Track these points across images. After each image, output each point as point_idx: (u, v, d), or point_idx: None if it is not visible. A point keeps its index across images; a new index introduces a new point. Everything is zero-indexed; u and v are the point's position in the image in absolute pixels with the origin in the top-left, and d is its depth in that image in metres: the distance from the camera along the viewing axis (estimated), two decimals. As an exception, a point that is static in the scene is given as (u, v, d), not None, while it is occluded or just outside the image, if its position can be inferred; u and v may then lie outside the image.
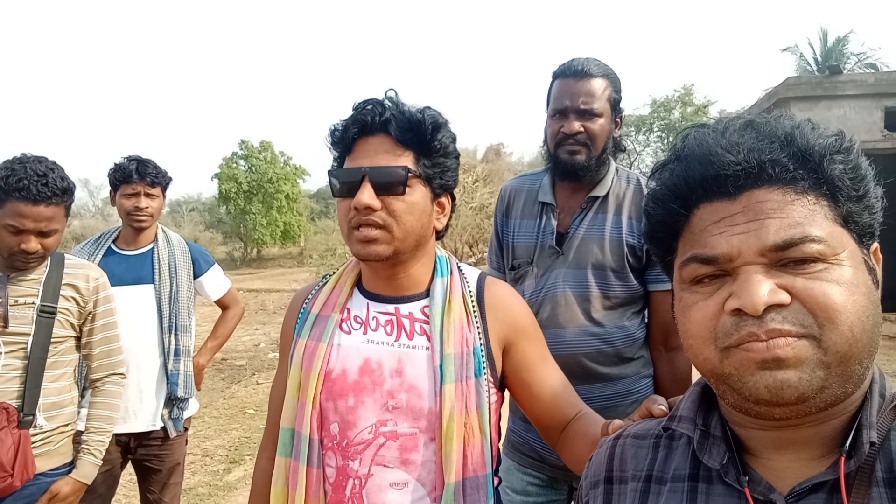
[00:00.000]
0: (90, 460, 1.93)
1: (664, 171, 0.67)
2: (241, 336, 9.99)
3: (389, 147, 1.09)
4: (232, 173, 30.39)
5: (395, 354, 1.11)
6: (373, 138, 1.09)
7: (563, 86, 1.72)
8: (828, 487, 0.58)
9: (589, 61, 1.72)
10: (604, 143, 1.71)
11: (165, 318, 2.51)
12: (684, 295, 0.64)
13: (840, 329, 0.55)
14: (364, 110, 1.09)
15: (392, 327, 1.14)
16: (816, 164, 0.59)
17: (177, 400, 2.52)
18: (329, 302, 1.19)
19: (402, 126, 1.09)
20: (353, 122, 1.09)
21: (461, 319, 1.13)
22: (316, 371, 1.11)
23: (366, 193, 1.05)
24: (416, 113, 1.10)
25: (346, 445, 1.09)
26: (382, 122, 1.08)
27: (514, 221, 1.86)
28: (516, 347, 1.17)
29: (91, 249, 2.51)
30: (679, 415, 0.70)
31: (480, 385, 1.10)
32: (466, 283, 1.19)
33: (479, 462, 1.08)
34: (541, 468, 1.77)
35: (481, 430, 1.09)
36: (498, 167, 21.27)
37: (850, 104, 9.71)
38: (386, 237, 1.08)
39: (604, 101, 1.70)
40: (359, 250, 1.09)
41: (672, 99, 27.96)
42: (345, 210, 1.10)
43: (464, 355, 1.10)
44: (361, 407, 1.09)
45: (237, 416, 5.73)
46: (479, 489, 1.07)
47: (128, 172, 2.50)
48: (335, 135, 1.13)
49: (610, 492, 0.74)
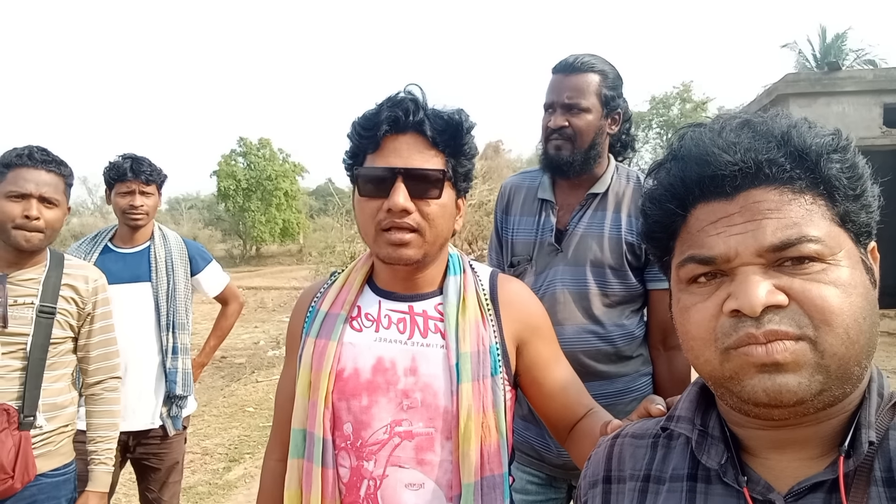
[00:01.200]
0: (103, 469, 1.94)
1: (661, 170, 0.67)
2: (240, 334, 9.99)
3: (423, 147, 1.06)
4: (231, 171, 30.34)
5: (409, 352, 1.09)
6: (404, 136, 1.05)
7: (553, 81, 1.74)
8: (826, 487, 0.58)
9: (583, 57, 1.72)
10: (591, 139, 1.71)
11: (163, 316, 2.51)
12: (682, 296, 0.64)
13: (836, 332, 0.55)
14: (399, 106, 1.04)
15: (405, 325, 1.11)
16: (813, 164, 0.59)
17: (175, 398, 2.52)
18: (339, 300, 1.16)
19: (438, 127, 1.06)
20: (387, 118, 1.04)
21: (476, 317, 1.11)
22: (327, 370, 1.08)
23: (401, 195, 1.02)
24: (452, 114, 1.07)
25: (360, 446, 1.06)
26: (417, 120, 1.05)
27: (514, 218, 1.85)
28: (530, 346, 1.16)
29: (88, 248, 2.51)
30: (677, 414, 0.70)
31: (496, 384, 1.08)
32: (479, 281, 1.18)
33: (496, 461, 1.06)
34: (540, 467, 1.77)
35: (497, 430, 1.07)
36: (497, 164, 21.24)
37: (848, 101, 9.71)
38: (418, 241, 1.06)
39: (592, 96, 1.69)
40: (389, 254, 1.06)
41: (671, 95, 27.94)
42: (372, 210, 1.06)
43: (480, 354, 1.08)
44: (376, 406, 1.06)
45: (237, 415, 5.73)
46: (496, 488, 1.06)
47: (122, 171, 2.50)
48: (364, 128, 1.07)
49: (608, 491, 0.74)
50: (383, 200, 1.04)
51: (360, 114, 1.10)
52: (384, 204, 1.04)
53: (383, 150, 1.06)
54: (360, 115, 1.09)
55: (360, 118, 1.08)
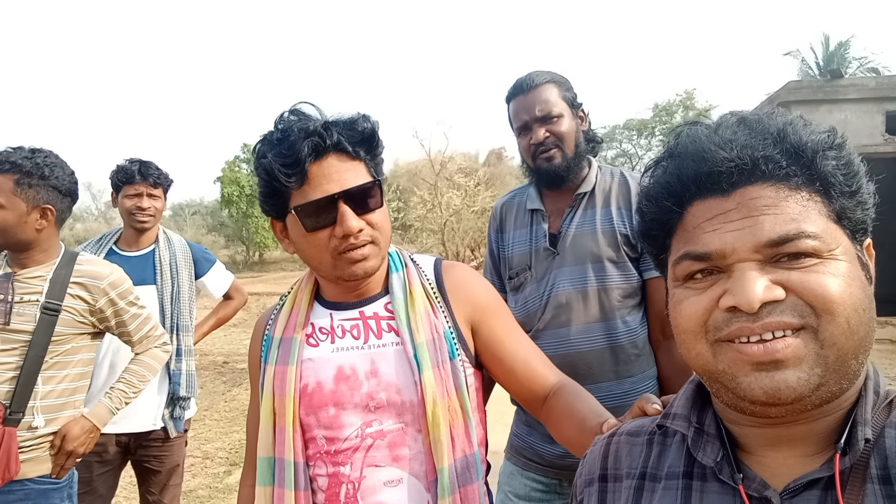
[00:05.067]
0: (107, 404, 1.95)
1: (657, 168, 0.67)
2: (242, 339, 9.99)
3: (348, 164, 1.05)
4: (234, 177, 30.38)
5: (367, 356, 1.10)
6: (326, 160, 1.04)
7: (516, 104, 1.79)
8: (822, 484, 0.58)
9: (532, 74, 1.78)
10: (574, 140, 1.75)
11: (168, 319, 2.52)
12: (677, 291, 0.64)
13: (838, 321, 0.55)
14: (314, 134, 1.02)
15: (359, 331, 1.13)
16: (809, 160, 0.59)
17: (179, 399, 2.53)
18: (290, 323, 1.17)
19: (354, 140, 1.06)
20: (308, 148, 1.01)
21: (426, 307, 1.13)
22: (290, 395, 1.09)
23: (351, 218, 1.03)
24: (361, 122, 1.07)
25: (334, 452, 1.08)
26: (335, 141, 1.03)
27: (508, 234, 1.89)
28: (483, 325, 1.18)
29: (92, 251, 2.51)
30: (673, 412, 0.70)
31: (456, 367, 1.10)
32: (423, 272, 1.19)
33: (466, 442, 1.09)
34: (545, 472, 1.76)
35: (464, 410, 1.09)
36: (500, 171, 21.32)
37: (851, 108, 9.71)
38: (375, 251, 1.08)
39: (559, 102, 1.74)
40: (353, 271, 1.07)
41: (674, 103, 28.04)
42: (323, 241, 1.05)
43: (435, 341, 1.10)
44: (344, 414, 1.08)
45: (238, 419, 5.73)
46: (470, 468, 1.08)
47: (130, 173, 2.53)
48: (286, 166, 1.01)
49: (605, 490, 0.74)
50: (332, 228, 1.04)
51: (263, 154, 1.05)
52: (335, 231, 1.04)
53: (312, 181, 1.03)
54: (272, 152, 1.03)
55: (275, 155, 1.03)
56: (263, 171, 1.05)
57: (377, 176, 1.10)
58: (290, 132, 1.03)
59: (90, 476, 2.35)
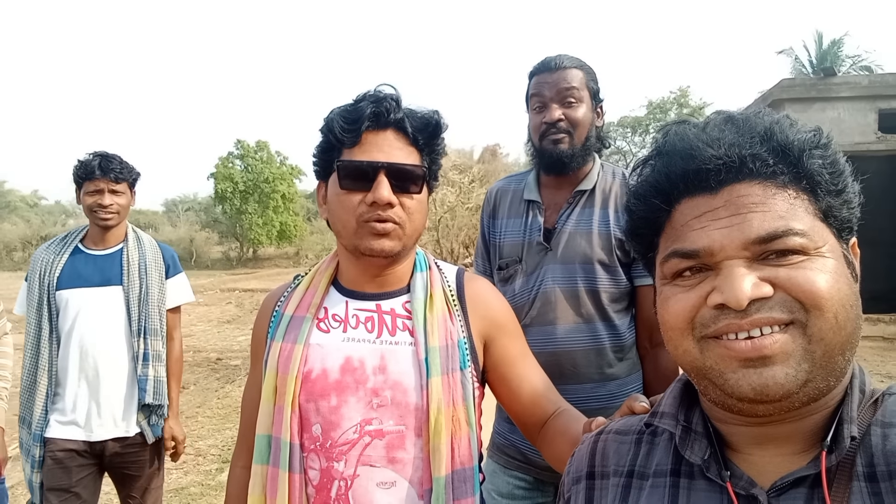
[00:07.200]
0: None
1: (645, 166, 0.67)
2: (236, 336, 9.97)
3: (403, 144, 1.08)
4: (228, 173, 30.27)
5: (378, 351, 1.09)
6: (385, 132, 1.07)
7: (539, 79, 1.75)
8: (809, 482, 0.58)
9: (562, 56, 1.74)
10: (587, 132, 1.72)
11: (134, 321, 2.40)
12: (665, 289, 0.64)
13: (826, 316, 0.56)
14: (381, 103, 1.06)
15: (373, 324, 1.11)
16: (796, 159, 0.59)
17: (151, 407, 2.43)
18: (303, 303, 1.15)
19: (418, 125, 1.09)
20: (370, 114, 1.06)
21: (444, 313, 1.12)
22: (293, 374, 1.07)
23: (385, 188, 1.04)
24: (430, 114, 1.10)
25: (329, 447, 1.06)
26: (399, 118, 1.07)
27: (501, 221, 1.85)
28: (496, 343, 1.17)
29: (57, 248, 2.42)
30: (661, 411, 0.70)
31: (465, 378, 1.09)
32: (445, 278, 1.19)
33: (466, 455, 1.07)
34: (527, 470, 1.75)
35: (468, 423, 1.08)
36: (494, 168, 21.30)
37: (844, 106, 9.75)
38: (398, 233, 1.07)
39: (583, 88, 1.72)
40: (370, 244, 1.06)
41: (668, 101, 28.09)
42: (353, 204, 1.06)
43: (448, 348, 1.08)
44: (345, 406, 1.06)
45: (231, 416, 5.71)
46: (467, 481, 1.06)
47: (90, 169, 2.37)
48: (346, 122, 1.07)
49: (592, 487, 0.74)
50: (365, 194, 1.06)
51: (337, 109, 1.10)
52: (367, 197, 1.05)
53: (364, 145, 1.07)
54: (339, 109, 1.10)
55: (341, 112, 1.09)
56: (325, 125, 1.10)
57: (427, 169, 1.11)
58: (363, 99, 1.08)
59: (69, 482, 2.30)
